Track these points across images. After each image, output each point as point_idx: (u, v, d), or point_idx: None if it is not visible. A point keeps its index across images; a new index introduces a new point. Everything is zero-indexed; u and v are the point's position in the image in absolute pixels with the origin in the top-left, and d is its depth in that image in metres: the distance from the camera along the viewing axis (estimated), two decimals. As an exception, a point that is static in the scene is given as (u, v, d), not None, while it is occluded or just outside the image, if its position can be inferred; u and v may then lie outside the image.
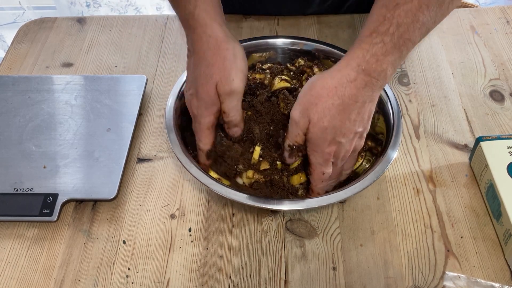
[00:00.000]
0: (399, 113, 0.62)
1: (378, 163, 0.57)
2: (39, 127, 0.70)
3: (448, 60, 0.81)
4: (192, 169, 0.56)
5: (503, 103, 0.74)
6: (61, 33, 0.89)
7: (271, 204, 0.53)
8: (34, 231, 0.61)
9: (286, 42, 0.72)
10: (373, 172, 0.56)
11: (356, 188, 0.55)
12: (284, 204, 0.54)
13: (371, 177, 0.55)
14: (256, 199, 0.53)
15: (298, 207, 0.54)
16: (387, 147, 0.59)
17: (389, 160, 0.57)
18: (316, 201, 0.54)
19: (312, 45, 0.71)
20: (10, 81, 0.76)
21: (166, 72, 0.81)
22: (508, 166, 0.60)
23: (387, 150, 0.58)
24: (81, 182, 0.63)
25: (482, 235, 0.59)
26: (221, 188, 0.54)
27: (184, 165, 0.57)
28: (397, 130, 0.60)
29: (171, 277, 0.56)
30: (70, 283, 0.56)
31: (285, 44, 0.72)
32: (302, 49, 0.71)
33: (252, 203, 0.53)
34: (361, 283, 0.55)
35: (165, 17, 0.91)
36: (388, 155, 0.58)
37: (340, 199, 0.54)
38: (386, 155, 0.58)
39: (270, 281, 0.56)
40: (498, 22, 0.88)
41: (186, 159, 0.57)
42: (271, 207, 0.53)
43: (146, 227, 0.61)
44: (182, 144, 0.59)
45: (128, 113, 0.71)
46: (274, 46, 0.72)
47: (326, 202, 0.54)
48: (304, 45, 0.71)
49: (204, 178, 0.55)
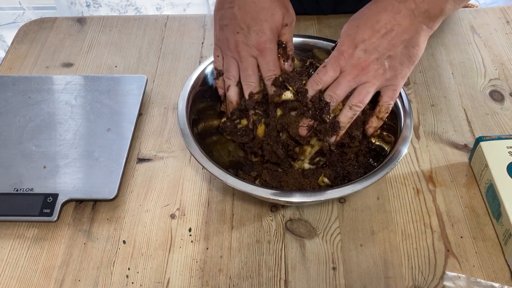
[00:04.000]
0: (410, 107, 0.61)
1: (393, 153, 0.56)
2: (39, 127, 0.70)
3: (448, 60, 0.81)
4: (210, 168, 0.55)
5: (503, 103, 0.74)
6: (61, 33, 0.89)
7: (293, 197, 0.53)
8: (34, 231, 0.61)
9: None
10: (389, 160, 0.55)
11: (375, 176, 0.54)
12: (304, 195, 0.53)
13: (387, 168, 0.54)
14: (281, 193, 0.53)
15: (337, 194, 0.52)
16: (397, 141, 0.58)
17: (401, 152, 0.56)
18: (337, 191, 0.53)
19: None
20: (10, 81, 0.76)
21: (166, 72, 0.81)
22: (508, 166, 0.60)
23: (397, 144, 0.57)
24: (81, 182, 0.63)
25: (482, 235, 0.59)
26: (245, 185, 0.53)
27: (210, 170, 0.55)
28: (409, 124, 0.59)
29: (171, 277, 0.56)
30: (70, 283, 0.56)
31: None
32: None
33: (279, 198, 0.52)
34: (361, 283, 0.55)
35: (165, 17, 0.91)
36: (400, 149, 0.56)
37: (360, 188, 0.53)
38: (397, 148, 0.56)
39: (270, 281, 0.56)
40: (498, 22, 0.88)
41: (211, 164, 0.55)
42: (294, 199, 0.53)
43: (146, 227, 0.61)
44: (199, 146, 0.58)
45: (128, 113, 0.71)
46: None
47: (342, 193, 0.52)
48: None
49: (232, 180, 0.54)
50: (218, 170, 0.55)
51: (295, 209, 0.62)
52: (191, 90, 0.63)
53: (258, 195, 0.53)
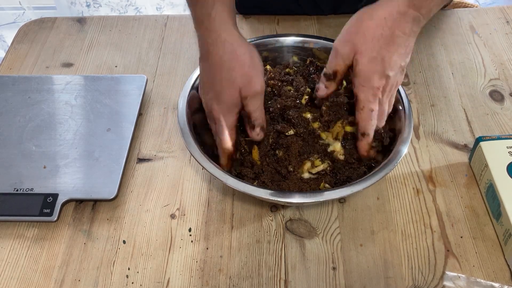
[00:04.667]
0: (410, 107, 0.61)
1: (393, 153, 0.56)
2: (39, 127, 0.70)
3: (448, 60, 0.81)
4: (212, 169, 0.55)
5: (503, 103, 0.74)
6: (61, 33, 0.89)
7: (295, 198, 0.53)
8: (34, 231, 0.61)
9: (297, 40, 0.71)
10: (389, 161, 0.55)
11: (379, 174, 0.54)
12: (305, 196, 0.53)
13: (386, 169, 0.55)
14: (280, 194, 0.53)
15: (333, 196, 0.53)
16: (396, 141, 0.58)
17: (400, 153, 0.56)
18: (357, 186, 0.53)
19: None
20: (10, 81, 0.76)
21: (166, 72, 0.81)
22: (508, 166, 0.60)
23: (397, 143, 0.58)
24: (81, 182, 0.63)
25: (482, 235, 0.59)
26: (244, 186, 0.54)
27: (209, 170, 0.55)
28: (408, 123, 0.59)
29: (171, 277, 0.56)
30: (70, 283, 0.56)
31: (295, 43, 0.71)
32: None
33: (281, 199, 0.53)
34: (361, 283, 0.55)
35: (165, 17, 0.91)
36: (399, 149, 0.57)
37: (367, 185, 0.53)
38: (397, 148, 0.57)
39: (270, 281, 0.56)
40: (498, 22, 0.88)
41: (211, 165, 0.56)
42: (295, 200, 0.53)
43: (146, 227, 0.61)
44: (199, 147, 0.58)
45: (128, 113, 0.71)
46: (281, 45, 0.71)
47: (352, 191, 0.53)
48: (314, 44, 0.70)
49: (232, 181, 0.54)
50: (218, 170, 0.55)
51: (295, 209, 0.62)
52: (191, 90, 0.64)
53: (258, 196, 0.53)
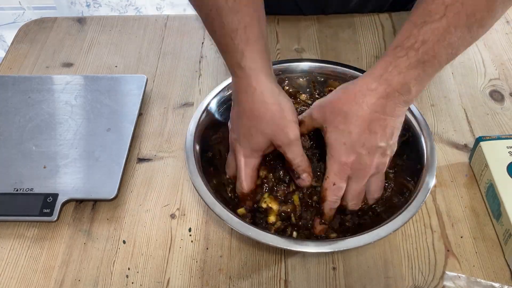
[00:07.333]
0: (430, 134, 0.59)
1: (417, 191, 0.53)
2: (39, 127, 0.70)
3: (448, 60, 0.81)
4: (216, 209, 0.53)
5: (503, 103, 0.74)
6: (61, 33, 0.89)
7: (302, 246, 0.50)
8: (34, 231, 0.61)
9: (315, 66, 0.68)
10: (415, 202, 0.52)
11: (398, 221, 0.51)
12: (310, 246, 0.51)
13: (413, 208, 0.52)
14: (289, 242, 0.51)
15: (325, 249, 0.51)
16: (422, 172, 0.56)
17: (427, 188, 0.54)
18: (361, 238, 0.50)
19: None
20: (10, 81, 0.76)
21: (166, 72, 0.81)
22: (508, 166, 0.60)
23: (423, 175, 0.55)
24: (81, 182, 0.63)
25: (482, 235, 0.59)
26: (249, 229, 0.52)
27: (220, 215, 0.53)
28: (431, 153, 0.57)
29: (171, 277, 0.56)
30: (70, 283, 0.56)
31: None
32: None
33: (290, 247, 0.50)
34: (361, 283, 0.55)
35: (165, 17, 0.91)
36: (426, 182, 0.54)
37: (380, 236, 0.50)
38: (423, 181, 0.54)
39: (270, 281, 0.56)
40: (498, 22, 0.87)
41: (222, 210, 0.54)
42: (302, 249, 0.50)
43: (146, 227, 0.61)
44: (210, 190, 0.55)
45: (128, 113, 0.71)
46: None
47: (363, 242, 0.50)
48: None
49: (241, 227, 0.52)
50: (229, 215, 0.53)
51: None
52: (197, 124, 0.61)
53: (272, 245, 0.51)
